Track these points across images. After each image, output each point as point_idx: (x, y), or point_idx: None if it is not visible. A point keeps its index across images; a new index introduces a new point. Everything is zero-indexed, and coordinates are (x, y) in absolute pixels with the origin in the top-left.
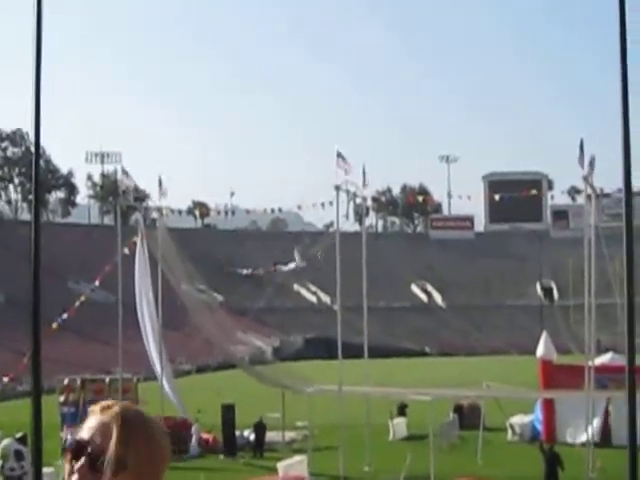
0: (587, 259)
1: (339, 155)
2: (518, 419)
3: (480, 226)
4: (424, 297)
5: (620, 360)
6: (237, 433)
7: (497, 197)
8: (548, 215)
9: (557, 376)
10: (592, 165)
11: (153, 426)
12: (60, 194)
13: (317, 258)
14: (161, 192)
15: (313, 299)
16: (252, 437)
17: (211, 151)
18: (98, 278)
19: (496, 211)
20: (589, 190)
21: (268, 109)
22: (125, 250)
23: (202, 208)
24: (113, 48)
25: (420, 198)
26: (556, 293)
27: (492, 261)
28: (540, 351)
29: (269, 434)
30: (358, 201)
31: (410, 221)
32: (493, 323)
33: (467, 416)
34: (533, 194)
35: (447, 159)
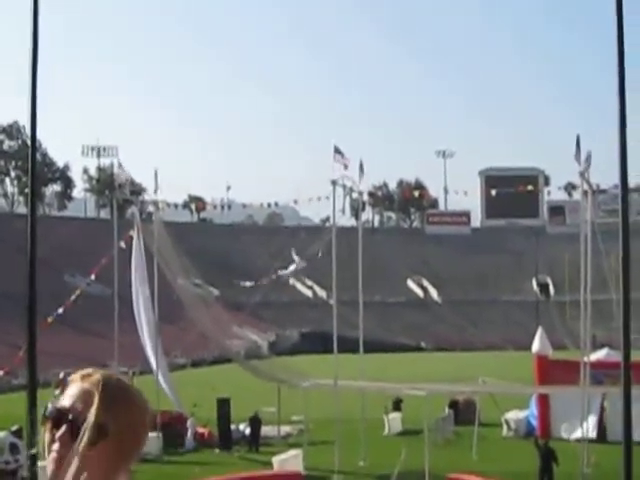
0: (583, 255)
1: (337, 150)
2: (513, 414)
3: (476, 221)
4: (420, 292)
5: (615, 356)
6: (232, 427)
7: (493, 192)
8: (544, 211)
9: (552, 372)
10: (588, 161)
11: (134, 394)
12: (56, 187)
13: (315, 255)
14: (157, 186)
15: (309, 293)
16: (247, 431)
17: (208, 145)
18: (94, 272)
19: (492, 206)
20: (585, 186)
21: (265, 104)
22: (121, 244)
23: (198, 202)
24: (111, 43)
25: (416, 193)
26: (552, 289)
27: (488, 256)
28: (536, 346)
29: (264, 428)
30: (354, 196)
31: (406, 216)
32: (489, 318)
33: (462, 411)
34: (529, 190)
35: (444, 154)
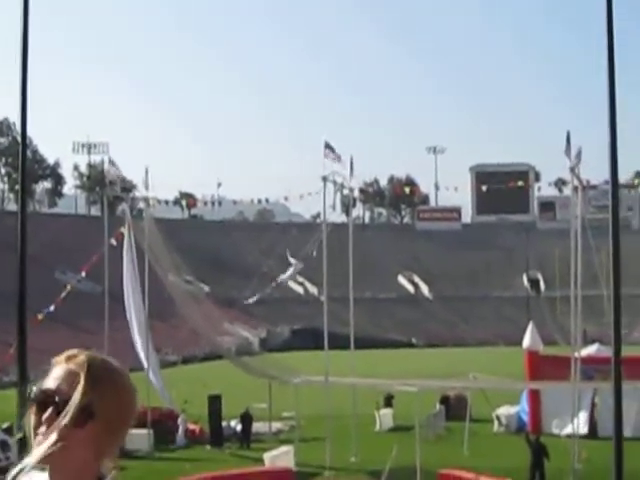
0: (573, 250)
1: (327, 146)
2: (504, 410)
3: (467, 217)
4: (411, 288)
5: (606, 351)
6: (224, 424)
7: (484, 188)
8: (535, 206)
9: (543, 367)
10: (579, 157)
11: (121, 374)
12: (47, 184)
13: (309, 254)
14: (148, 183)
15: (300, 290)
16: (239, 428)
17: (198, 142)
18: (85, 268)
19: (483, 202)
20: (576, 182)
21: (255, 101)
22: (112, 241)
23: (189, 199)
24: (102, 41)
25: (407, 189)
26: (543, 284)
27: (479, 252)
28: (526, 342)
29: (256, 425)
30: (345, 192)
31: (397, 212)
32: (480, 314)
33: (453, 407)
34: (520, 186)
35: (434, 150)
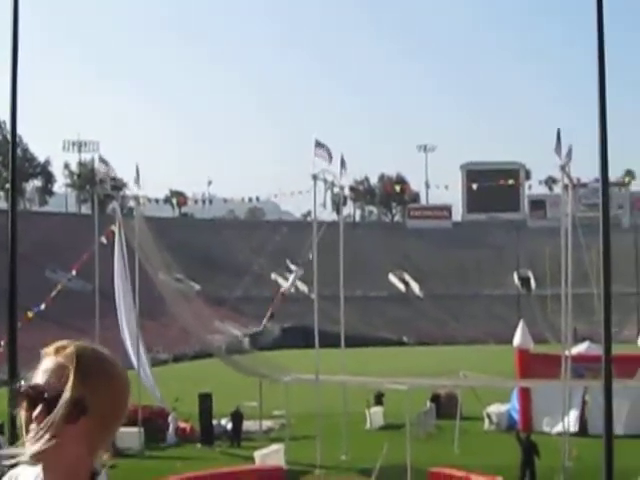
0: (564, 249)
1: (318, 144)
2: (495, 408)
3: (457, 215)
4: (401, 286)
5: (596, 349)
6: (214, 422)
7: (474, 187)
8: (525, 205)
9: (534, 365)
10: (569, 155)
11: (112, 365)
12: (37, 183)
13: (301, 253)
14: (138, 181)
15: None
16: (229, 426)
17: (188, 140)
18: (75, 267)
19: (474, 201)
20: (566, 180)
21: (246, 99)
22: (102, 239)
23: (179, 197)
24: (92, 39)
25: (398, 187)
26: (533, 282)
27: (469, 251)
28: (517, 340)
29: (246, 423)
30: (336, 190)
31: (388, 210)
32: (470, 312)
33: (444, 405)
34: (510, 184)
35: (425, 148)
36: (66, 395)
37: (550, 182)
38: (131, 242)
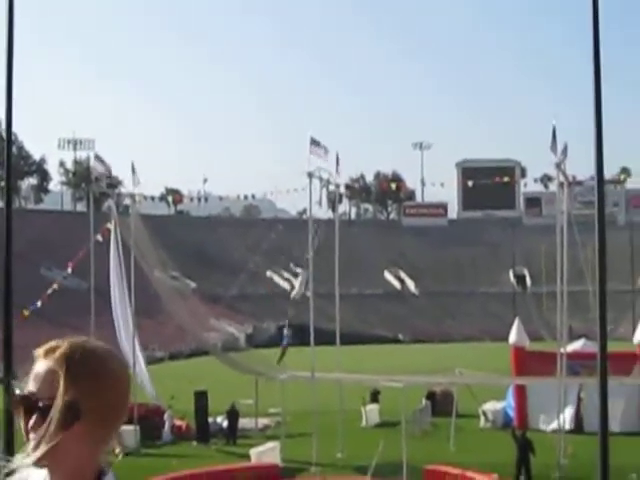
0: (559, 246)
1: (313, 142)
2: (490, 406)
3: (453, 213)
4: (397, 284)
5: (592, 347)
6: (210, 420)
7: (470, 184)
8: (521, 202)
9: (529, 363)
10: (565, 153)
11: (105, 359)
12: (32, 181)
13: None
14: (134, 179)
15: (286, 286)
16: (225, 424)
17: (184, 138)
18: (70, 265)
19: (469, 198)
20: (561, 178)
21: (241, 97)
22: (98, 237)
23: (175, 195)
24: (88, 38)
25: (393, 185)
26: (529, 280)
27: (465, 248)
28: (512, 338)
29: (242, 421)
30: (331, 188)
31: (383, 208)
32: (466, 310)
33: (440, 403)
34: (506, 181)
35: (420, 146)
36: (58, 402)
37: (546, 180)
38: (127, 240)
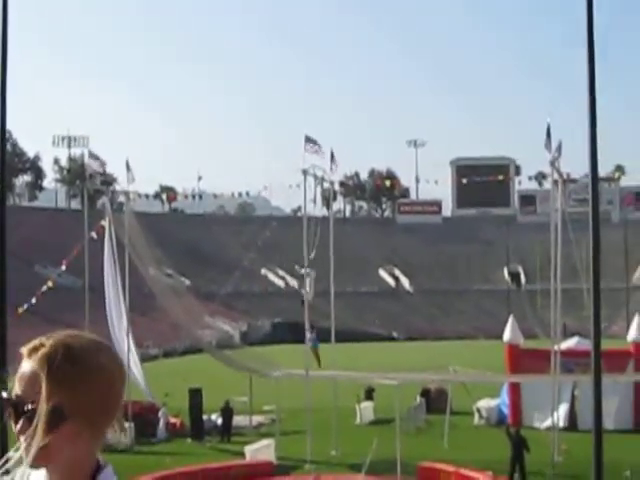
0: (554, 244)
1: (307, 139)
2: (485, 403)
3: (447, 211)
4: (392, 282)
5: (586, 344)
6: (204, 417)
7: (464, 182)
8: (515, 200)
9: (523, 360)
10: (559, 150)
11: (91, 355)
12: (27, 178)
13: (286, 240)
14: (129, 176)
15: (281, 284)
16: (219, 421)
17: (179, 136)
18: (65, 262)
19: (463, 196)
20: (556, 175)
21: (235, 94)
22: (92, 234)
23: (170, 192)
24: (82, 34)
25: (388, 183)
26: (523, 278)
27: (459, 246)
28: (507, 335)
29: (236, 418)
30: (326, 185)
31: (378, 206)
32: (460, 308)
33: (434, 400)
34: (500, 179)
35: (415, 144)
36: (42, 406)
37: (540, 177)
38: (121, 237)
